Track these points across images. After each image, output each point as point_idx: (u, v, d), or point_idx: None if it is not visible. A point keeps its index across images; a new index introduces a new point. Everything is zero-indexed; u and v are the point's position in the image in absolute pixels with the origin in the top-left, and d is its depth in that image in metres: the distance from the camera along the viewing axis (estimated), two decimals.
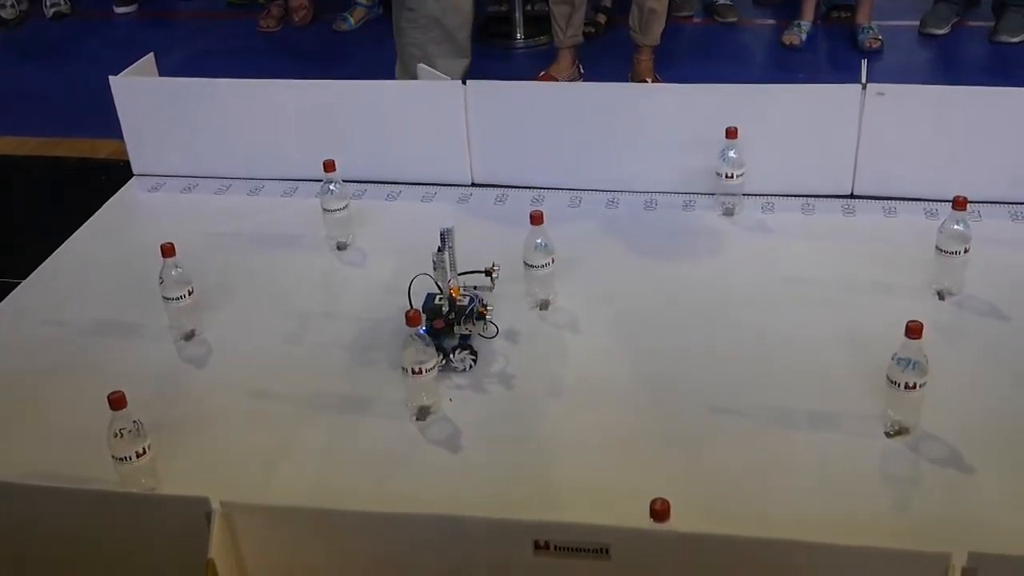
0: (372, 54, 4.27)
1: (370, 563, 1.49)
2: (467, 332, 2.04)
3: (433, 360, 1.89)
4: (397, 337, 1.87)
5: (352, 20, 4.54)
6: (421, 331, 1.91)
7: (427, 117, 2.74)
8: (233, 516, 1.44)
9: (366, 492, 1.77)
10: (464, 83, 2.71)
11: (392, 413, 1.95)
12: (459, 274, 2.09)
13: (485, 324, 2.07)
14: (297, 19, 4.56)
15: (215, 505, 1.44)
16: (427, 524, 1.45)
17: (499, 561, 1.43)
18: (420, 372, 1.89)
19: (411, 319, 1.86)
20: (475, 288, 2.09)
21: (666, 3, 3.72)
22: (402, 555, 1.48)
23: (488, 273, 2.11)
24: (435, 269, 2.05)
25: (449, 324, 2.02)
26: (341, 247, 2.50)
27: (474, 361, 2.04)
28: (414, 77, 3.01)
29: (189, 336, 2.18)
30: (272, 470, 1.83)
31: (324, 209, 2.47)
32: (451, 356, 2.03)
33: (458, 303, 2.04)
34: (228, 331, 2.22)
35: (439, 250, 2.04)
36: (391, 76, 3.23)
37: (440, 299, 2.05)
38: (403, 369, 1.90)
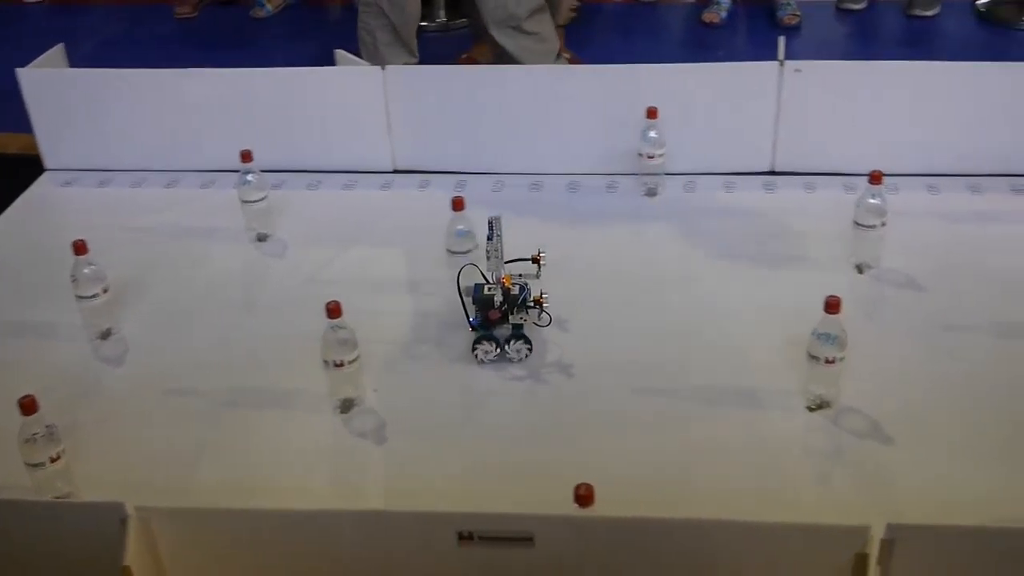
0: (291, 41, 4.22)
1: (293, 562, 1.47)
2: (521, 322, 1.99)
3: (355, 351, 1.87)
4: (319, 329, 1.84)
5: (270, 7, 4.46)
6: (473, 322, 1.91)
7: (346, 104, 2.70)
8: (149, 521, 1.41)
9: (289, 489, 1.75)
10: (383, 68, 2.67)
11: (315, 407, 1.92)
12: (506, 262, 2.02)
13: (540, 312, 1.99)
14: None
15: (130, 510, 1.40)
16: (350, 520, 1.43)
17: (423, 554, 1.41)
18: (342, 364, 1.87)
19: (331, 310, 1.83)
20: (520, 276, 2.02)
21: None
22: (326, 553, 1.46)
23: (535, 261, 2.06)
24: (488, 259, 1.98)
25: (504, 314, 1.98)
26: (261, 238, 2.46)
27: (529, 351, 1.99)
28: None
29: (105, 335, 2.13)
30: (192, 470, 1.80)
31: (242, 200, 2.42)
32: (506, 347, 1.98)
33: (511, 292, 1.98)
34: (145, 328, 2.17)
35: (488, 239, 1.97)
36: (311, 63, 3.18)
37: (490, 289, 1.99)
38: (325, 362, 1.87)
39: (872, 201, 2.17)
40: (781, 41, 2.59)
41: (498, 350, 1.99)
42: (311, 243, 2.46)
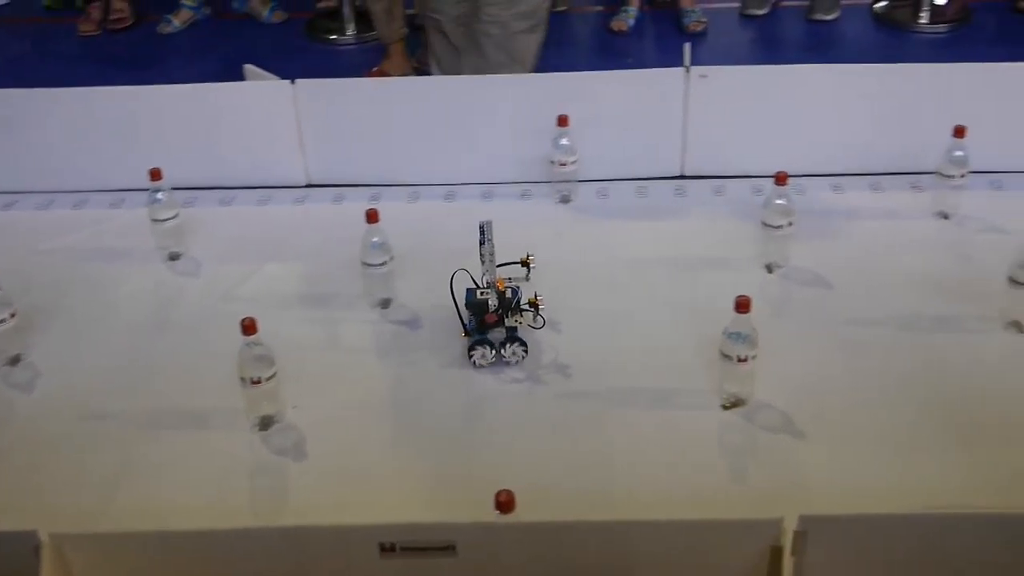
0: (199, 56, 4.18)
1: None
2: (515, 324, 1.99)
3: (272, 368, 1.85)
4: (236, 347, 1.83)
5: (177, 22, 4.42)
6: (466, 326, 1.95)
7: (257, 119, 2.69)
8: (63, 548, 1.38)
9: (208, 509, 1.72)
10: (293, 82, 2.66)
11: (233, 425, 1.90)
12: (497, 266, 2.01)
13: (535, 315, 2.00)
14: (113, 19, 4.39)
15: (43, 537, 1.37)
16: (269, 537, 1.42)
17: (345, 567, 1.41)
18: (259, 381, 1.84)
19: (247, 327, 1.82)
20: (510, 280, 2.02)
21: None
22: (246, 571, 1.44)
23: (525, 264, 2.06)
24: (482, 263, 1.98)
25: (500, 318, 1.98)
26: (174, 257, 2.43)
27: (525, 353, 2.00)
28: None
29: (14, 361, 2.08)
30: (109, 495, 1.76)
31: (153, 219, 2.38)
32: (502, 350, 1.99)
33: (505, 296, 1.98)
34: (56, 352, 2.13)
35: (481, 243, 1.97)
36: (220, 78, 3.15)
37: (483, 293, 1.99)
38: (242, 379, 1.85)
39: (779, 202, 2.22)
40: (687, 47, 2.63)
41: (495, 354, 1.99)
42: (225, 260, 2.43)
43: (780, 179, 2.20)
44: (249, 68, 2.77)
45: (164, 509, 1.73)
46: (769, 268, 2.28)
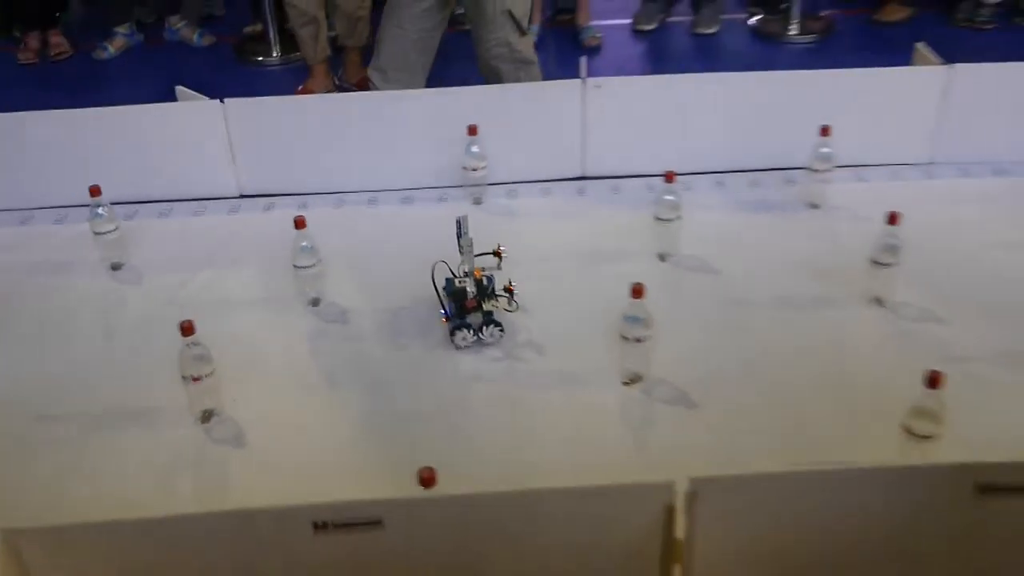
0: (134, 80, 4.09)
1: (161, 569, 1.42)
2: (491, 309, 2.03)
3: (211, 366, 1.83)
4: (177, 348, 1.80)
5: (112, 49, 4.32)
6: (446, 312, 1.99)
7: (190, 136, 2.65)
8: (17, 542, 1.35)
9: (155, 499, 1.71)
10: (223, 101, 2.62)
11: (177, 420, 1.88)
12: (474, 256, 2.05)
13: (510, 300, 2.04)
14: (54, 54, 4.29)
15: None
16: (211, 521, 1.40)
17: (284, 546, 1.39)
18: (199, 378, 1.83)
19: (185, 329, 1.79)
20: (484, 269, 2.05)
21: (369, 9, 3.73)
22: (193, 555, 1.42)
23: (497, 254, 2.07)
24: (462, 253, 2.01)
25: (479, 303, 2.01)
26: (116, 267, 2.38)
27: (502, 333, 2.03)
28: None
29: None
30: (60, 492, 1.73)
31: (95, 232, 2.33)
32: (481, 333, 2.02)
33: (482, 283, 2.02)
34: (6, 359, 2.08)
35: (458, 236, 2.00)
36: (154, 100, 3.08)
37: (461, 282, 2.03)
38: (183, 377, 1.83)
39: (668, 198, 2.25)
40: (583, 61, 2.66)
41: (475, 335, 2.02)
42: (165, 268, 2.39)
43: (668, 177, 2.24)
44: (181, 89, 2.72)
45: (113, 501, 1.70)
46: (662, 257, 2.31)
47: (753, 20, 4.61)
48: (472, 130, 2.50)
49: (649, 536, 1.38)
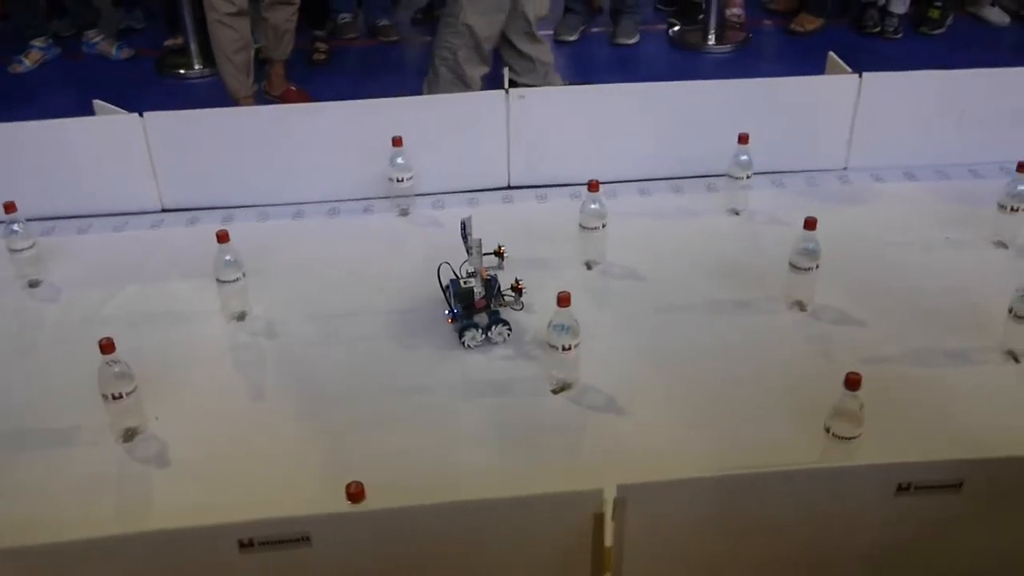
0: (51, 94, 3.98)
1: None
2: (498, 308, 2.02)
3: (132, 383, 1.78)
4: (96, 365, 1.74)
5: (28, 62, 4.19)
6: (454, 312, 1.99)
7: (109, 150, 2.57)
8: None
9: (76, 521, 1.64)
10: (142, 115, 2.55)
11: (97, 439, 1.81)
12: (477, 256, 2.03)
13: (517, 299, 2.03)
14: None
15: None
16: (133, 542, 1.36)
17: (209, 565, 1.36)
18: (121, 397, 1.77)
19: (104, 347, 1.74)
20: (488, 269, 2.03)
21: (295, 22, 3.69)
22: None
23: (499, 254, 2.06)
24: (470, 253, 1.99)
25: (488, 303, 2.00)
26: (33, 284, 2.30)
27: (510, 332, 2.02)
28: (444, 86, 3.14)
29: None
30: None
31: (10, 250, 2.25)
32: (489, 332, 2.01)
33: (490, 283, 2.02)
34: None
35: (464, 237, 2.00)
36: (73, 114, 2.99)
37: (466, 283, 2.01)
38: (103, 396, 1.77)
39: (593, 207, 2.25)
40: (506, 72, 2.65)
41: (483, 335, 2.01)
42: (85, 285, 2.31)
43: (592, 186, 2.24)
44: (98, 103, 2.64)
45: (31, 524, 1.63)
46: (588, 265, 2.31)
47: (673, 31, 4.66)
48: (397, 141, 2.47)
49: (579, 544, 1.37)
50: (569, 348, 1.85)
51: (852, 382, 1.61)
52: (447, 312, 2.03)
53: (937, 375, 1.95)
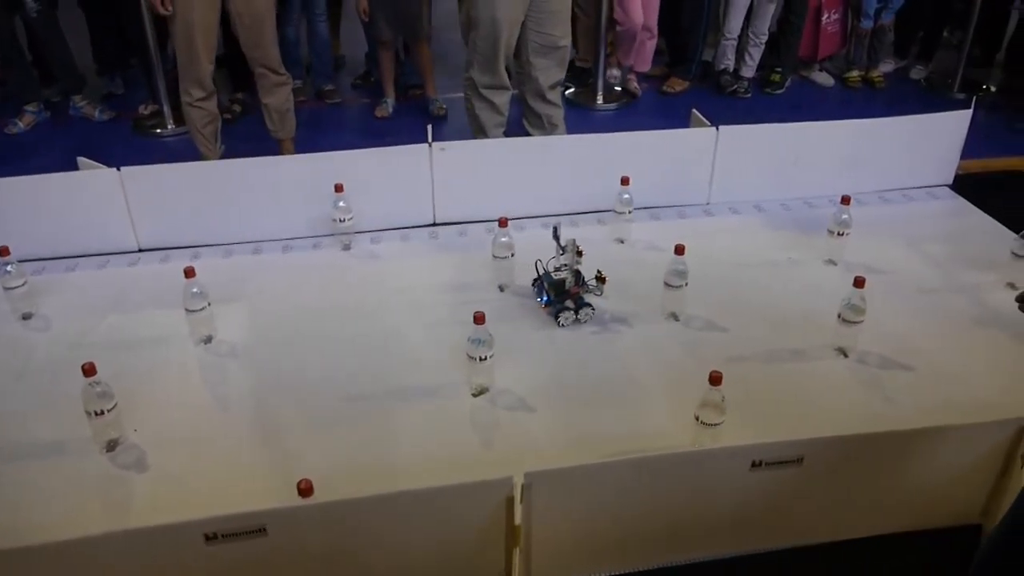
0: (42, 152, 3.84)
1: None
2: (585, 294, 2.13)
3: (112, 401, 1.71)
4: (80, 386, 1.68)
5: (22, 124, 4.03)
6: (546, 300, 2.10)
7: (92, 200, 2.48)
8: None
9: (65, 523, 1.57)
10: (119, 169, 2.47)
11: (84, 450, 1.75)
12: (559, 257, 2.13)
13: (598, 286, 2.15)
14: None
15: None
16: (113, 540, 1.30)
17: (180, 557, 1.31)
18: (103, 413, 1.71)
19: (86, 370, 1.68)
20: (565, 265, 2.13)
21: (293, 101, 3.56)
22: (100, 572, 1.32)
23: (579, 253, 2.13)
24: (564, 252, 2.10)
25: (578, 291, 2.11)
26: (26, 317, 2.21)
27: (593, 311, 2.12)
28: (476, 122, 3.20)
29: None
30: None
31: (4, 288, 2.16)
32: (578, 313, 2.10)
33: (579, 274, 2.13)
34: None
35: (556, 238, 2.09)
36: (59, 169, 2.85)
37: (557, 274, 2.12)
38: (87, 413, 1.71)
39: (503, 239, 2.25)
40: (429, 128, 2.64)
41: (575, 316, 2.10)
42: (72, 317, 2.22)
43: (502, 223, 2.24)
44: (82, 160, 2.56)
45: (26, 527, 1.56)
46: (501, 288, 2.31)
47: (568, 92, 4.69)
48: (339, 187, 2.45)
49: (494, 525, 1.36)
50: (485, 358, 1.84)
51: (714, 379, 1.64)
52: (539, 300, 2.15)
53: (783, 370, 1.99)
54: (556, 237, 2.10)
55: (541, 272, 2.17)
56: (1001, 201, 2.75)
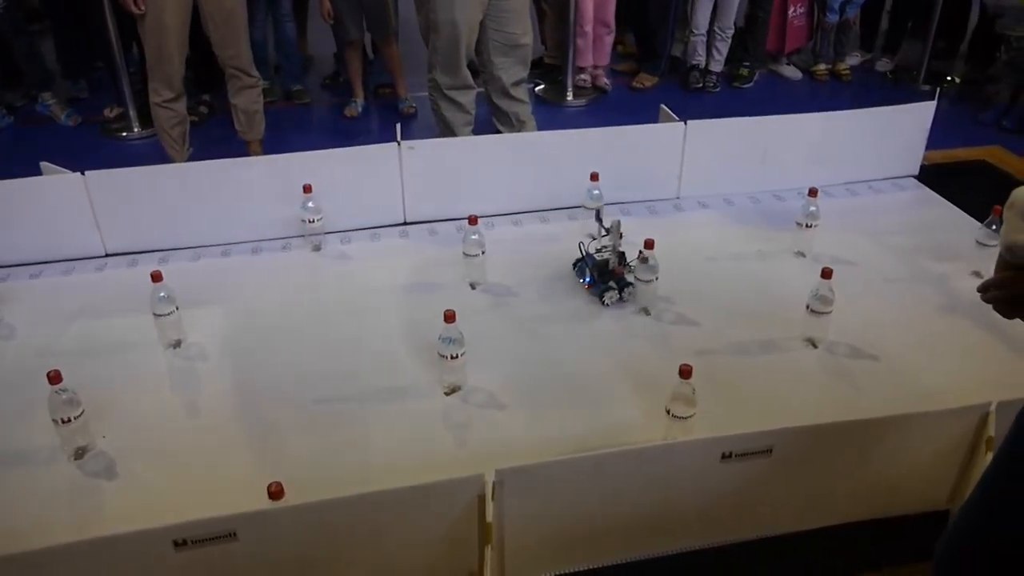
0: (5, 158, 3.79)
1: None
2: (627, 274, 2.18)
3: (79, 408, 1.69)
4: (47, 393, 1.66)
5: None
6: (589, 280, 2.19)
7: (57, 205, 2.44)
8: None
9: (34, 532, 1.55)
10: (83, 173, 2.44)
11: (52, 458, 1.72)
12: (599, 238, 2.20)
13: (641, 263, 2.13)
14: None
15: None
16: (82, 548, 1.29)
17: (148, 565, 1.30)
18: (69, 420, 1.69)
19: (52, 378, 1.65)
20: (606, 248, 2.18)
21: (262, 103, 3.54)
22: None
23: (620, 235, 2.16)
24: (609, 233, 2.15)
25: (622, 271, 2.16)
26: None
27: (633, 290, 2.16)
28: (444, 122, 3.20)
29: None
30: None
31: None
32: (622, 293, 2.16)
33: (623, 255, 2.18)
34: None
35: (599, 220, 2.18)
36: (24, 175, 2.81)
37: (601, 257, 2.18)
38: (54, 420, 1.68)
39: (473, 237, 2.25)
40: (398, 127, 2.63)
41: (618, 295, 2.16)
42: (37, 323, 2.19)
43: (472, 220, 2.24)
44: (45, 165, 2.52)
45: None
46: (472, 286, 2.30)
47: (538, 88, 4.70)
48: (307, 188, 2.43)
49: (467, 522, 1.36)
50: (456, 356, 1.84)
51: (684, 372, 1.65)
52: (582, 280, 2.22)
53: (753, 362, 2.00)
54: (599, 219, 2.18)
55: (583, 254, 2.22)
56: (966, 191, 2.79)
